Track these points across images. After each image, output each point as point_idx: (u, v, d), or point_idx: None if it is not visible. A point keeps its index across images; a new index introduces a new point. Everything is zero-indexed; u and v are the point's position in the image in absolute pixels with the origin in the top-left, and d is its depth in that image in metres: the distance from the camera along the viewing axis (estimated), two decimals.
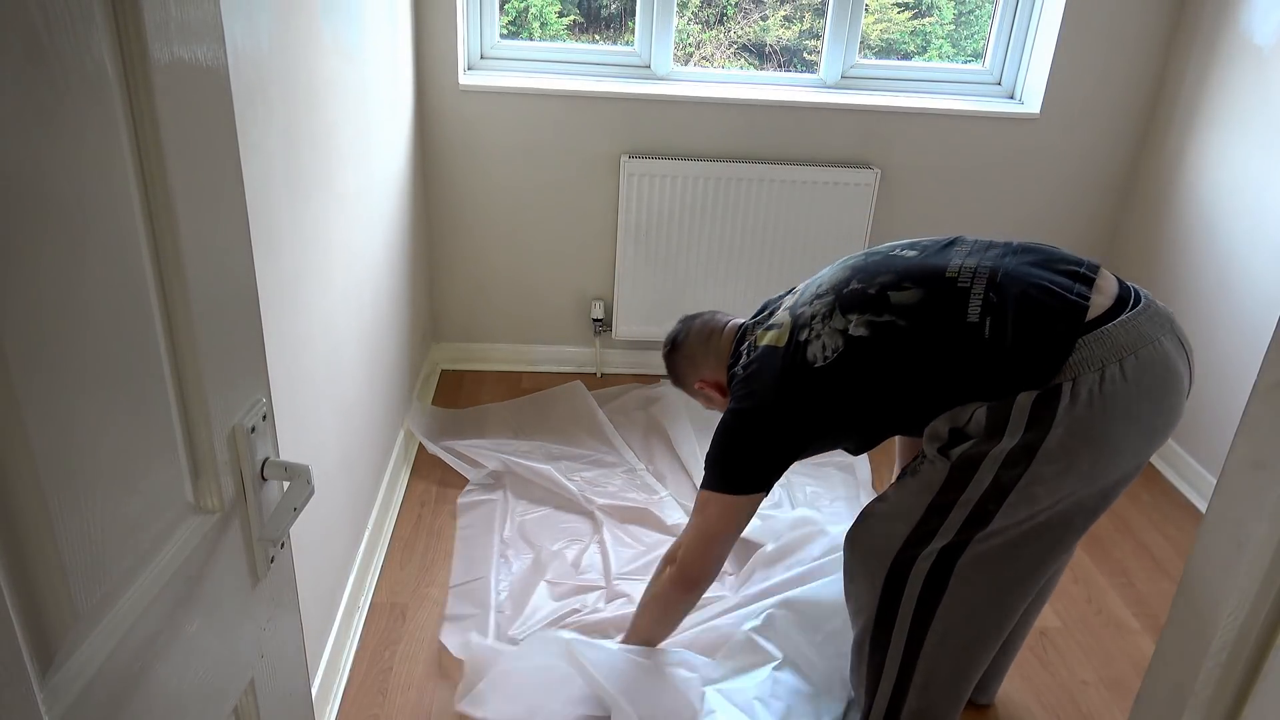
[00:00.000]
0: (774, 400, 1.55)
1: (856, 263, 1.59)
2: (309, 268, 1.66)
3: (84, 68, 0.60)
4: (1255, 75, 2.53)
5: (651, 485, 2.55)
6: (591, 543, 2.31)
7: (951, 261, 1.49)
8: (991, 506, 1.42)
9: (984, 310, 1.41)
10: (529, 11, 3.05)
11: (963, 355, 1.42)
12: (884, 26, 3.16)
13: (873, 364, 1.47)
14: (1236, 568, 0.62)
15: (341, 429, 1.91)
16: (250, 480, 0.85)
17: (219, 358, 0.78)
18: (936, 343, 1.43)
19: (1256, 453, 0.61)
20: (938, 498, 1.45)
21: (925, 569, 1.49)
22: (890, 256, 1.55)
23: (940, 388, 1.45)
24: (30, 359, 0.55)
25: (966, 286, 1.44)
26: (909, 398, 1.48)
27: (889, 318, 1.46)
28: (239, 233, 0.82)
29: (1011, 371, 1.39)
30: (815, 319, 1.53)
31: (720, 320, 1.81)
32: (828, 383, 1.50)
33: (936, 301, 1.44)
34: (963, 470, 1.42)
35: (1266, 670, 0.62)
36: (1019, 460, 1.38)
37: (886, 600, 1.54)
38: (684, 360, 1.84)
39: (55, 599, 0.60)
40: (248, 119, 1.30)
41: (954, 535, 1.45)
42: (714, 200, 2.91)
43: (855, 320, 1.48)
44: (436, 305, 3.13)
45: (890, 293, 1.47)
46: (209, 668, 0.81)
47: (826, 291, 1.56)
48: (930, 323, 1.44)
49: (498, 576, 2.17)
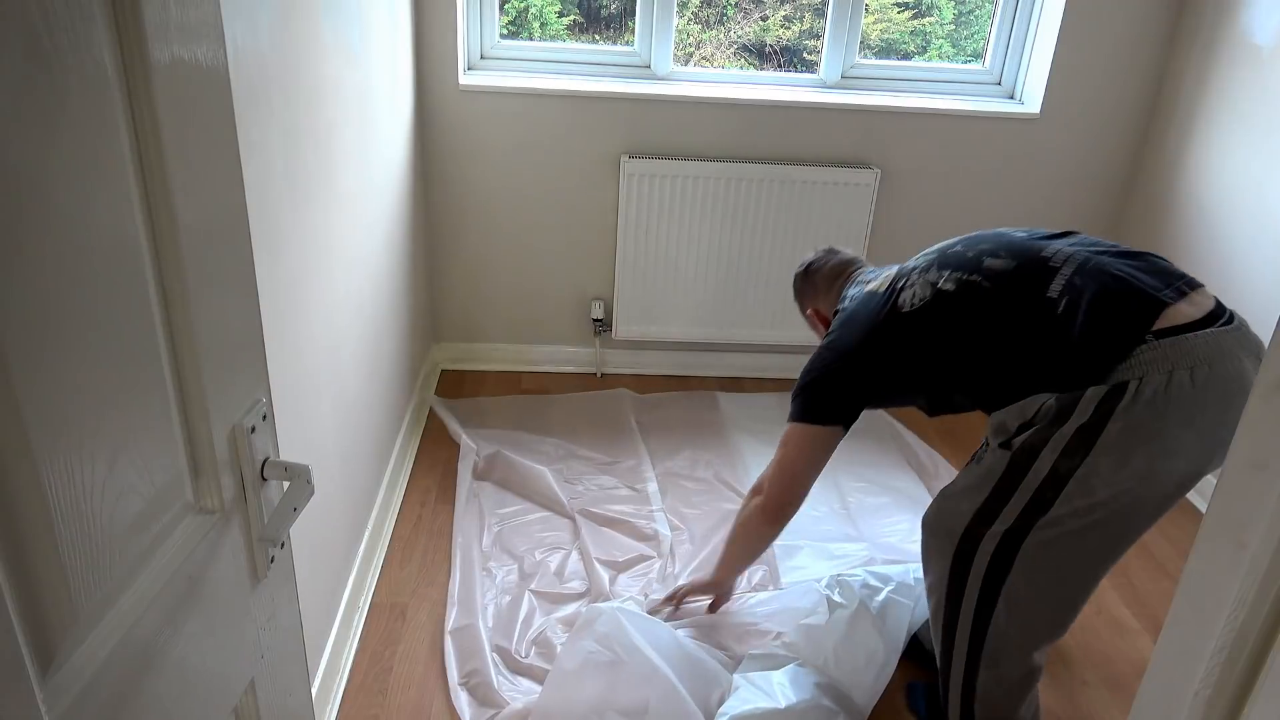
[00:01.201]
0: (860, 338, 1.67)
1: (971, 234, 1.71)
2: (309, 268, 1.66)
3: (84, 68, 0.60)
4: (1255, 75, 2.53)
5: (649, 498, 2.53)
6: (573, 549, 2.31)
7: (1051, 245, 1.58)
8: (1050, 494, 1.47)
9: (1064, 290, 1.49)
10: (529, 11, 3.05)
11: (1033, 329, 1.50)
12: (884, 26, 3.16)
13: (951, 319, 1.58)
14: (1236, 568, 0.62)
15: (341, 429, 1.91)
16: (250, 480, 0.85)
17: (219, 357, 0.78)
18: (1012, 312, 1.52)
19: (1257, 453, 0.61)
20: (1000, 482, 1.53)
21: (990, 549, 1.55)
22: (1001, 232, 1.67)
23: (1007, 360, 1.53)
24: (30, 358, 0.55)
25: (1056, 267, 1.53)
26: (978, 363, 1.57)
27: (977, 279, 1.56)
28: (239, 232, 0.82)
29: (1074, 356, 1.45)
30: (915, 271, 1.66)
31: (853, 265, 1.94)
32: (909, 329, 1.61)
33: (1024, 274, 1.54)
34: (1024, 457, 1.49)
35: (1266, 670, 0.62)
36: (1077, 450, 1.44)
37: (955, 577, 1.62)
38: (808, 286, 2.00)
39: (55, 599, 0.60)
40: (248, 119, 1.30)
41: (1016, 519, 1.51)
42: (714, 200, 2.91)
43: (947, 276, 1.60)
44: (437, 305, 3.13)
45: (986, 259, 1.58)
46: (209, 667, 0.81)
47: (933, 252, 1.69)
48: (1012, 291, 1.53)
49: (483, 589, 2.15)
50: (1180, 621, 0.68)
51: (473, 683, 1.89)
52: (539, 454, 2.67)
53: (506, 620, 2.06)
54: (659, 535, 2.35)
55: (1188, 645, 0.66)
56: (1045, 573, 1.54)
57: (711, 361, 3.22)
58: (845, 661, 1.83)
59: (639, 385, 3.12)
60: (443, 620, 2.07)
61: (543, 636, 2.01)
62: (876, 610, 1.88)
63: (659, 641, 1.85)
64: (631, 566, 2.26)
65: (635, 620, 1.88)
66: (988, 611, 1.60)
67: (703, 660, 1.88)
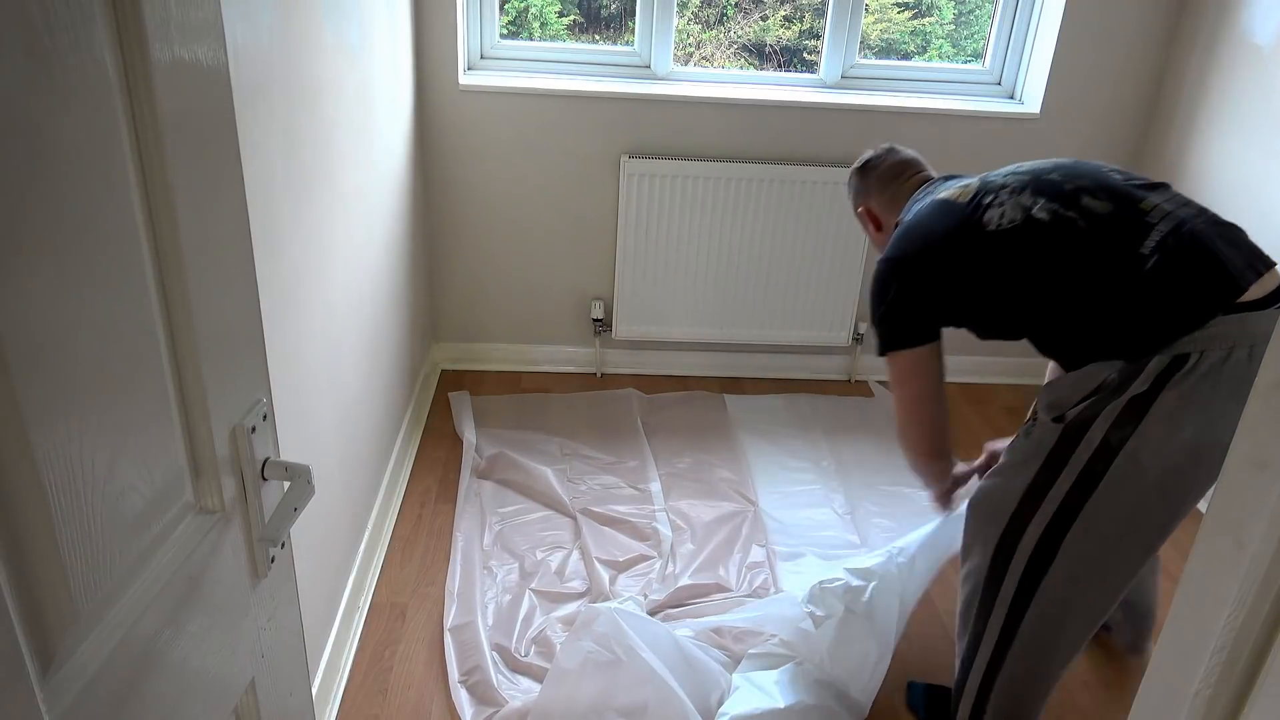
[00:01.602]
0: (937, 246, 1.61)
1: (1064, 162, 1.65)
2: (309, 268, 1.66)
3: (84, 68, 0.60)
4: (1255, 75, 2.53)
5: (652, 498, 2.53)
6: (573, 549, 2.31)
7: (1150, 198, 1.54)
8: (1100, 466, 1.47)
9: (1156, 248, 1.46)
10: (529, 11, 3.05)
11: (1118, 281, 1.48)
12: (884, 26, 3.16)
13: (1039, 250, 1.53)
14: (1236, 568, 0.62)
15: (341, 429, 1.91)
16: (251, 480, 0.85)
17: (219, 358, 0.78)
18: (1102, 258, 1.49)
19: (1257, 453, 0.61)
20: (1051, 456, 1.51)
21: (1036, 536, 1.53)
22: (1098, 170, 1.61)
23: (1084, 306, 1.51)
24: (30, 358, 0.55)
25: (1153, 223, 1.49)
26: (1054, 302, 1.54)
27: (1073, 215, 1.52)
28: (239, 233, 0.82)
29: (1149, 317, 1.45)
30: (1004, 189, 1.59)
31: (915, 167, 1.86)
32: (993, 248, 1.56)
33: (1121, 221, 1.50)
34: (1076, 430, 1.49)
35: (1266, 670, 0.62)
36: (1129, 421, 1.44)
37: (996, 565, 1.59)
38: (865, 182, 1.90)
39: (55, 599, 0.60)
40: (248, 119, 1.30)
41: (1064, 498, 1.50)
42: (714, 200, 2.91)
43: (1042, 205, 1.54)
44: (436, 305, 3.13)
45: (1084, 197, 1.54)
46: (209, 667, 0.81)
47: (1025, 172, 1.62)
48: (1107, 236, 1.50)
49: (483, 588, 2.15)
50: (1180, 621, 0.68)
51: (472, 681, 1.89)
52: (543, 453, 2.67)
53: (506, 619, 2.06)
54: (660, 535, 2.35)
55: (1188, 645, 0.66)
56: (1087, 563, 1.53)
57: (711, 361, 3.22)
58: (841, 661, 1.83)
59: (639, 385, 3.12)
60: (442, 619, 2.07)
61: (543, 635, 2.01)
62: (864, 610, 1.85)
63: (656, 642, 1.85)
64: (632, 566, 2.26)
65: (633, 621, 1.88)
66: (1024, 602, 1.57)
67: (701, 661, 1.88)
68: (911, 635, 2.05)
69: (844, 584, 1.89)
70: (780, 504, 2.54)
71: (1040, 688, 1.63)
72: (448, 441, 2.75)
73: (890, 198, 1.84)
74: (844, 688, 1.82)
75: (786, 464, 2.73)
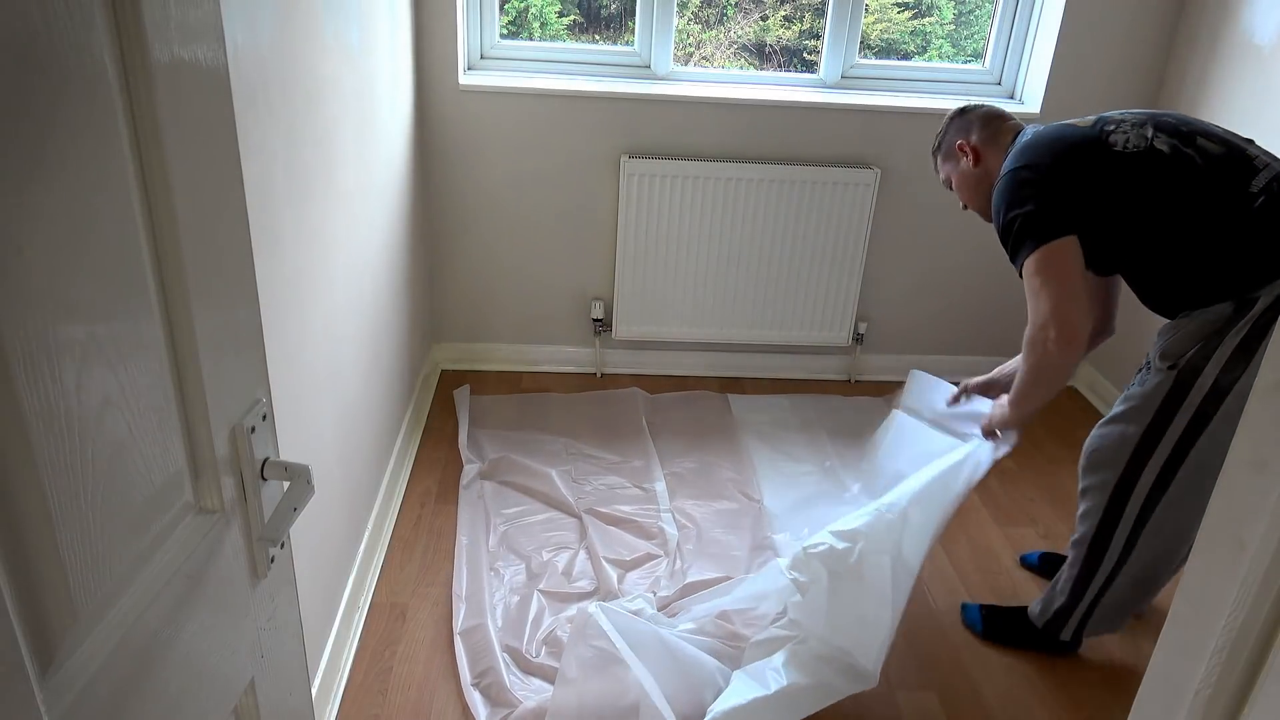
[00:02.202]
0: (1064, 157, 1.70)
1: (1175, 112, 1.78)
2: (309, 267, 1.66)
3: (84, 68, 0.60)
4: (1255, 75, 2.53)
5: (657, 498, 2.53)
6: (580, 549, 2.31)
7: (1251, 149, 1.68)
8: (1211, 408, 1.60)
9: (1265, 188, 1.60)
10: (529, 11, 3.05)
11: (1229, 217, 1.60)
12: (884, 26, 3.16)
13: (1158, 178, 1.64)
14: (1236, 568, 0.62)
15: (341, 429, 1.91)
16: (250, 480, 0.85)
17: (219, 358, 0.78)
18: (1215, 195, 1.62)
19: (1257, 453, 0.61)
20: (1165, 401, 1.65)
21: (1151, 479, 1.71)
22: (1204, 122, 1.74)
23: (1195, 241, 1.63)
24: (30, 359, 0.55)
25: (1260, 167, 1.63)
26: (1166, 232, 1.65)
27: (1190, 152, 1.64)
28: (239, 233, 0.82)
29: (1257, 252, 1.58)
30: (1125, 122, 1.71)
31: (1009, 116, 1.93)
32: (1117, 168, 1.66)
33: (1233, 162, 1.64)
34: (1189, 375, 1.62)
35: (1266, 670, 0.62)
36: (1238, 363, 1.56)
37: (1112, 507, 1.77)
38: (964, 123, 1.95)
39: (55, 599, 0.60)
40: (248, 119, 1.30)
41: (1176, 442, 1.65)
42: (714, 200, 2.91)
43: (1162, 139, 1.66)
44: (437, 305, 3.13)
45: (1199, 138, 1.67)
46: (209, 667, 0.81)
47: (1142, 113, 1.73)
48: (1219, 175, 1.62)
49: (491, 589, 2.15)
50: (1180, 621, 0.68)
51: (485, 683, 1.89)
52: (547, 454, 2.67)
53: (516, 620, 2.06)
54: (665, 534, 2.36)
55: (1188, 645, 0.66)
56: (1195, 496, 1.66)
57: (711, 361, 3.22)
58: (841, 630, 1.79)
59: (639, 385, 3.12)
60: (442, 620, 2.07)
61: (552, 636, 2.02)
62: (850, 573, 1.78)
63: (641, 643, 1.84)
64: (639, 565, 2.26)
65: (620, 621, 1.87)
66: (1137, 536, 1.76)
67: (693, 659, 1.86)
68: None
69: (827, 547, 1.80)
70: (785, 503, 2.54)
71: (1143, 601, 1.89)
72: (448, 442, 2.75)
73: (992, 134, 1.90)
74: (849, 658, 1.79)
75: (789, 464, 2.73)
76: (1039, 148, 1.73)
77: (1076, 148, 1.70)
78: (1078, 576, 1.89)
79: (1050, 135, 1.75)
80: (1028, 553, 2.40)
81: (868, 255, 3.03)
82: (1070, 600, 1.93)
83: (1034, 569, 2.35)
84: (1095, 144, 1.69)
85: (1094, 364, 3.21)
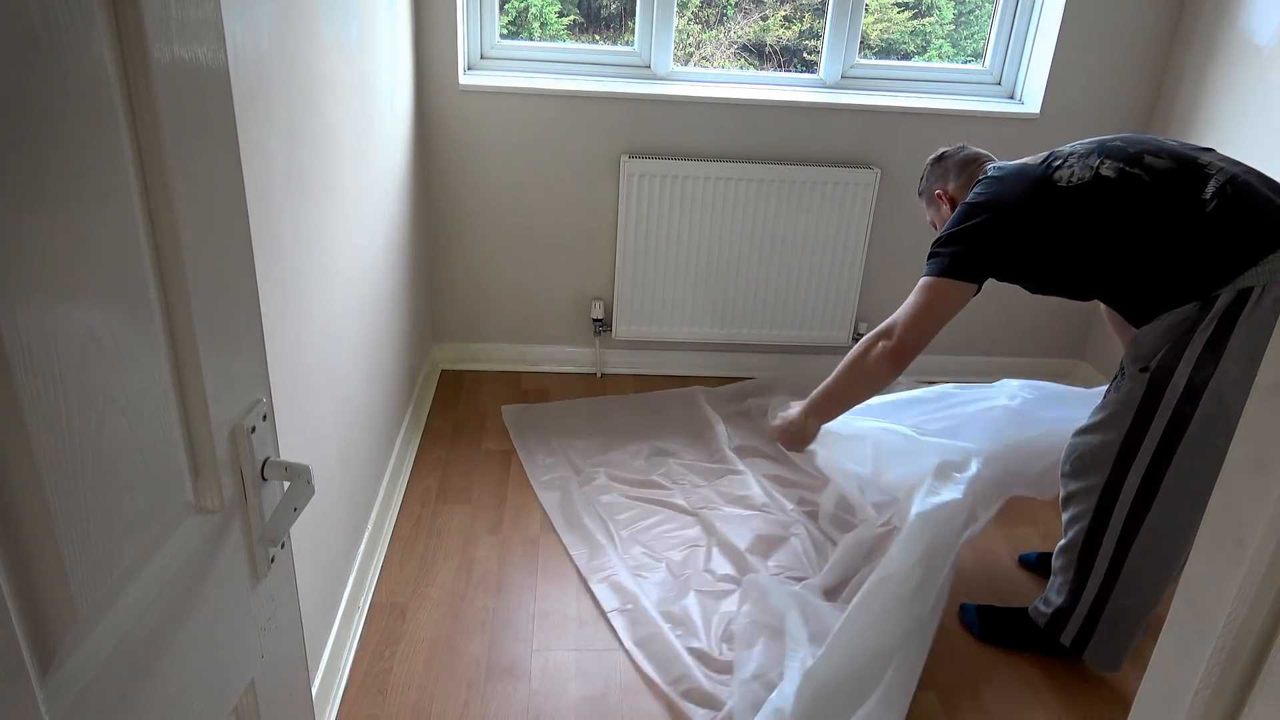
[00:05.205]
0: (1012, 199, 1.80)
1: (1127, 134, 1.84)
2: (309, 268, 1.66)
3: (84, 68, 0.60)
4: (1255, 75, 2.53)
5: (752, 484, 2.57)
6: (711, 544, 2.34)
7: (1205, 156, 1.73)
8: (1188, 408, 1.63)
9: (1216, 194, 1.64)
10: (529, 11, 3.05)
11: (1182, 225, 1.65)
12: (884, 26, 3.16)
13: (1107, 205, 1.71)
14: (1236, 568, 0.62)
15: (341, 429, 1.91)
16: (250, 480, 0.85)
17: (219, 358, 0.78)
18: (1167, 207, 1.67)
19: (1256, 453, 0.61)
20: (1142, 404, 1.69)
21: (1136, 481, 1.72)
22: (1156, 139, 1.80)
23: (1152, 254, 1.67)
24: (30, 359, 0.55)
25: (1210, 174, 1.68)
26: (1123, 252, 1.70)
27: (1137, 172, 1.70)
28: (239, 232, 0.82)
29: (1213, 254, 1.61)
30: (1073, 155, 1.79)
31: (986, 159, 2.06)
32: (1062, 203, 1.74)
33: (1182, 175, 1.69)
34: (1161, 376, 1.66)
35: (1266, 670, 0.62)
36: (1208, 362, 1.60)
37: (1100, 511, 1.78)
38: (940, 169, 2.10)
39: (55, 599, 0.60)
40: (248, 119, 1.30)
41: (1159, 443, 1.68)
42: (714, 200, 2.91)
43: (1108, 164, 1.73)
44: (436, 305, 3.13)
45: (1148, 156, 1.72)
46: (209, 668, 0.81)
47: (1091, 142, 1.81)
48: (1169, 187, 1.68)
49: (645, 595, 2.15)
50: (1180, 621, 0.68)
51: (683, 688, 1.92)
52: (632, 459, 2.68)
53: (684, 621, 2.09)
54: (786, 512, 2.43)
55: (1188, 645, 0.66)
56: (1184, 499, 1.68)
57: (712, 361, 3.22)
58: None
59: (639, 385, 3.12)
60: (443, 620, 2.07)
61: (727, 631, 2.05)
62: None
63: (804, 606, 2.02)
64: (775, 548, 2.32)
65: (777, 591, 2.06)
66: (1129, 539, 1.76)
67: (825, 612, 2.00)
68: None
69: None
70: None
71: (1145, 612, 1.84)
72: (448, 441, 2.75)
73: (965, 181, 2.03)
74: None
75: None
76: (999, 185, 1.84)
77: (1026, 190, 1.79)
78: (1073, 579, 1.89)
79: (1008, 178, 1.85)
80: (1027, 553, 2.40)
81: (868, 255, 3.03)
82: (1070, 600, 1.93)
83: (1033, 569, 2.35)
84: (1041, 185, 1.78)
85: (1094, 367, 3.21)
